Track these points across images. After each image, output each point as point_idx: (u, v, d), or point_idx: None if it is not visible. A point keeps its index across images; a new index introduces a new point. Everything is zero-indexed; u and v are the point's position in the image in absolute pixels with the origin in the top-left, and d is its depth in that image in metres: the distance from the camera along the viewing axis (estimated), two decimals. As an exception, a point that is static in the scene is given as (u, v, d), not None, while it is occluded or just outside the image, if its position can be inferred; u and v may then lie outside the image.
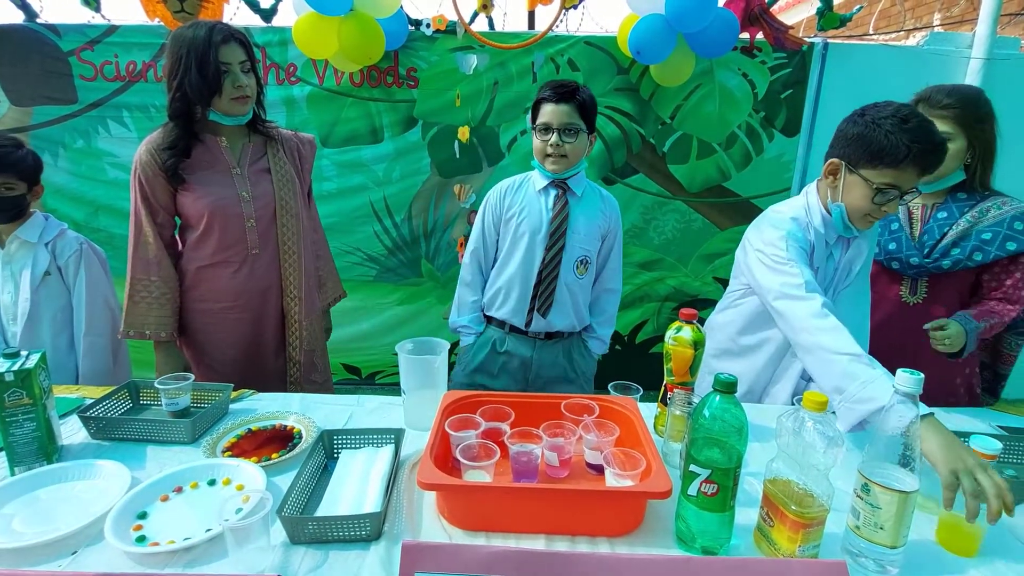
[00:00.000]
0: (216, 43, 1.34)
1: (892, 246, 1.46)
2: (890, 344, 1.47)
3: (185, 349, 1.54)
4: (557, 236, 1.59)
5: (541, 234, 1.59)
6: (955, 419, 1.29)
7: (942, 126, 1.32)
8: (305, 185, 1.66)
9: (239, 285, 1.49)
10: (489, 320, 1.72)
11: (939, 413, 1.31)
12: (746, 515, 0.88)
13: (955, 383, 1.52)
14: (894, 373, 0.79)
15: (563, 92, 1.49)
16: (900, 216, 1.47)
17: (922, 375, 0.75)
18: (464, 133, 2.67)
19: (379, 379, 3.06)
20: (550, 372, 1.70)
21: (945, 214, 1.43)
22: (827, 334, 1.08)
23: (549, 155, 1.53)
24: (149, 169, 1.40)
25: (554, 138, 1.50)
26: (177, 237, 1.52)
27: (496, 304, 1.68)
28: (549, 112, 1.50)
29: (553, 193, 1.60)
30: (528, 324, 1.65)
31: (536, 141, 1.55)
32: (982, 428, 1.24)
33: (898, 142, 1.11)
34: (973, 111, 1.35)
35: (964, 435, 1.11)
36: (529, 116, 1.61)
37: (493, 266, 1.70)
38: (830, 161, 1.24)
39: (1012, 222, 1.37)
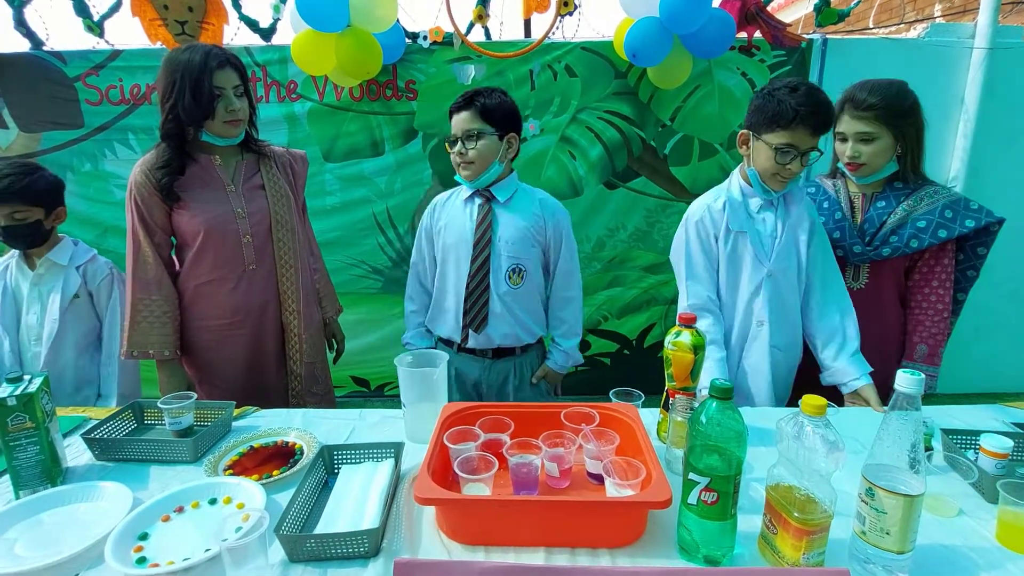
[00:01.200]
0: (212, 68, 1.36)
1: (836, 235, 1.52)
2: None
3: (188, 367, 1.55)
4: (481, 246, 1.54)
5: (466, 245, 1.56)
6: (967, 415, 1.26)
7: (867, 127, 1.40)
8: (299, 201, 1.67)
9: (237, 301, 1.50)
10: (440, 339, 1.69)
11: (951, 408, 1.30)
12: (751, 522, 0.86)
13: (891, 350, 1.56)
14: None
15: (462, 99, 1.50)
16: (843, 206, 1.54)
17: (923, 375, 0.74)
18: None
19: (388, 391, 3.07)
20: (497, 391, 1.65)
21: (884, 203, 1.49)
22: None
23: (457, 164, 1.53)
24: (144, 189, 1.41)
25: (457, 147, 1.51)
26: (174, 257, 1.53)
27: (436, 322, 1.66)
28: (454, 123, 1.52)
29: (478, 202, 1.57)
30: (464, 340, 1.60)
31: (449, 154, 1.55)
32: (995, 425, 1.20)
33: (787, 107, 1.28)
34: (896, 107, 1.40)
35: (975, 433, 1.10)
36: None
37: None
38: (740, 132, 1.42)
39: (943, 210, 1.44)
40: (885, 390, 1.36)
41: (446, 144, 1.56)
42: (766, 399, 1.44)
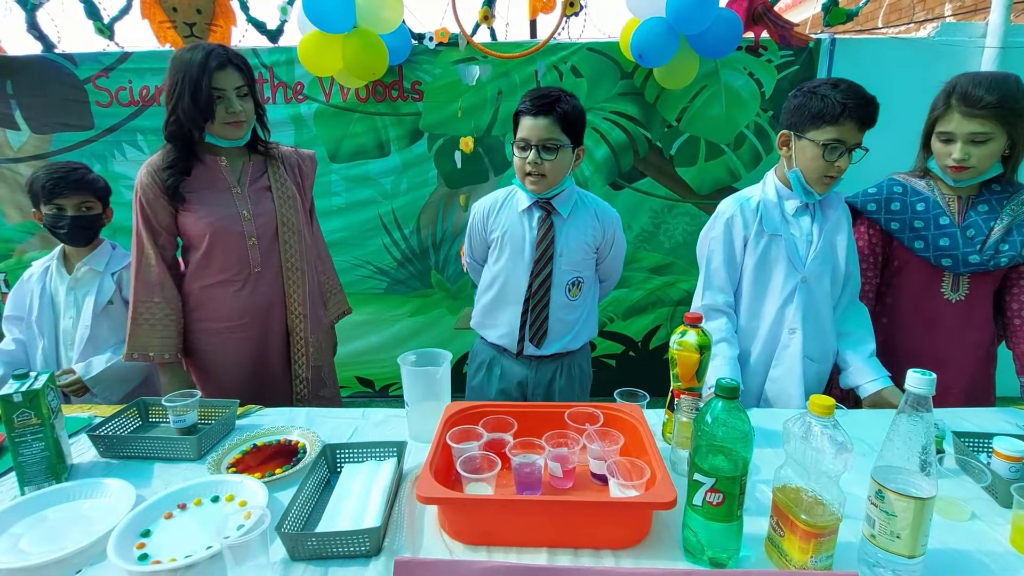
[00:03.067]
0: (211, 69, 1.33)
1: (944, 242, 1.40)
2: (934, 343, 1.47)
3: (191, 370, 1.55)
4: (544, 262, 1.48)
5: (526, 259, 1.49)
6: (979, 418, 1.24)
7: (982, 127, 1.28)
8: (307, 202, 1.65)
9: (243, 304, 1.49)
10: (483, 337, 1.65)
11: (963, 411, 1.28)
12: (757, 524, 0.85)
13: (984, 363, 1.49)
14: (940, 372, 0.79)
15: (542, 104, 1.36)
16: (945, 209, 1.41)
17: (934, 375, 0.72)
18: (467, 144, 2.68)
19: (392, 391, 3.07)
20: (545, 390, 1.62)
21: (986, 207, 1.39)
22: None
23: (528, 174, 1.42)
24: (150, 191, 1.41)
25: (532, 156, 1.38)
26: (180, 259, 1.53)
27: (487, 326, 1.61)
28: (527, 127, 1.38)
29: (537, 215, 1.49)
30: (520, 352, 1.55)
31: (515, 158, 1.44)
32: (1007, 428, 1.18)
33: (833, 101, 1.24)
34: (1012, 106, 1.27)
35: (988, 436, 1.08)
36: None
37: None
38: (780, 133, 1.37)
39: None
40: (973, 403, 1.37)
41: (513, 147, 1.44)
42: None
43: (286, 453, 1.11)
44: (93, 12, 2.58)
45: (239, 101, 1.39)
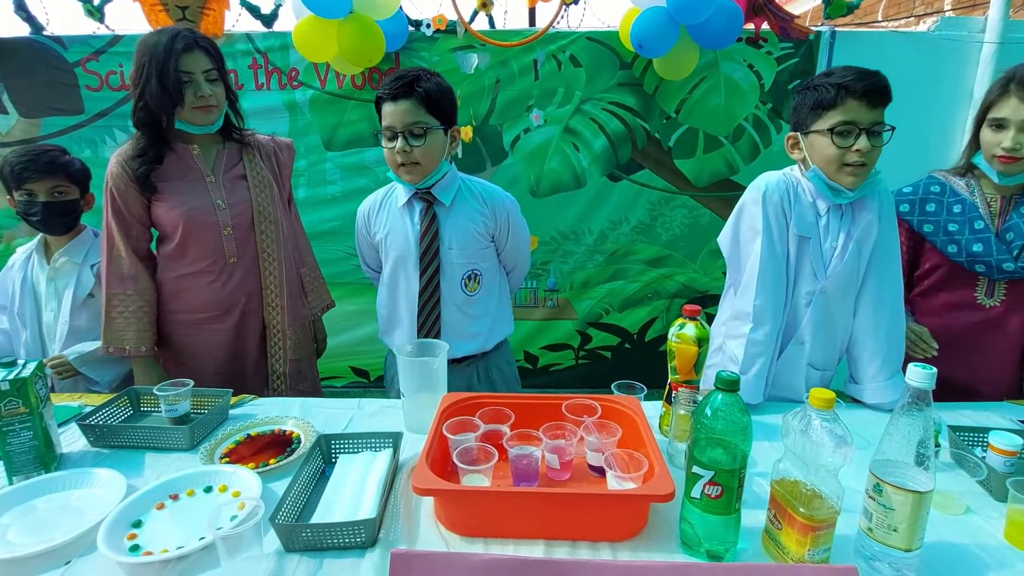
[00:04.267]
0: (177, 51, 1.28)
1: (977, 247, 1.34)
2: (963, 350, 1.41)
3: (167, 361, 1.51)
4: (428, 257, 1.40)
5: (412, 258, 1.41)
6: (974, 413, 1.24)
7: None
8: (285, 191, 1.60)
9: (218, 295, 1.45)
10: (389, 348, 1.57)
11: (960, 405, 1.28)
12: (755, 517, 0.85)
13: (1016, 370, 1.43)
14: (966, 378, 0.77)
15: (399, 86, 1.27)
16: (982, 212, 1.36)
17: (934, 369, 0.72)
18: (467, 133, 2.66)
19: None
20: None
21: None
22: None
23: (401, 164, 1.32)
24: (120, 181, 1.37)
25: (399, 144, 1.29)
26: (155, 250, 1.49)
27: (391, 334, 1.54)
28: (389, 113, 1.29)
29: (419, 207, 1.41)
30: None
31: (384, 150, 1.35)
32: (1002, 423, 1.19)
33: (828, 87, 1.17)
34: None
35: (984, 430, 1.08)
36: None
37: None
38: (787, 136, 1.29)
39: None
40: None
41: (378, 138, 1.36)
42: None
43: (280, 443, 1.10)
44: (83, -7, 2.52)
45: (208, 85, 1.35)
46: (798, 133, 1.26)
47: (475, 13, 2.56)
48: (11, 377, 0.94)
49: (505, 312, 1.57)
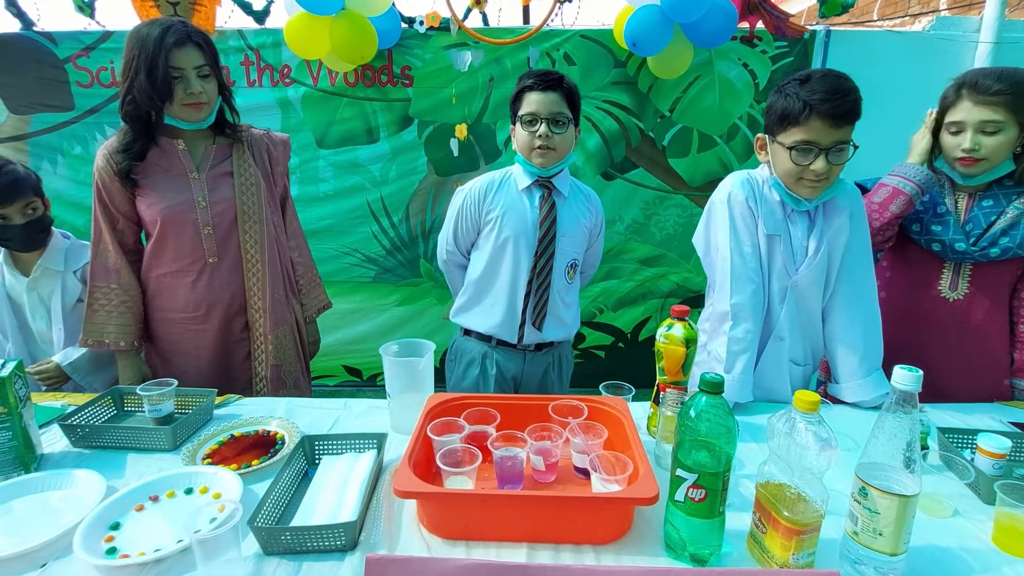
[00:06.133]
0: (168, 46, 1.25)
1: (936, 227, 1.37)
2: (923, 343, 1.42)
3: (154, 357, 1.49)
4: (547, 242, 1.46)
5: (528, 240, 1.46)
6: (964, 414, 1.24)
7: (992, 114, 1.24)
8: (278, 189, 1.56)
9: (199, 296, 1.43)
10: (468, 333, 1.58)
11: (949, 407, 1.27)
12: (740, 520, 0.84)
13: (1003, 383, 1.43)
14: (928, 372, 0.77)
15: (550, 79, 1.39)
16: (947, 202, 1.38)
17: (920, 372, 0.71)
18: (462, 131, 2.64)
19: (380, 380, 3.01)
20: (538, 384, 1.59)
21: (991, 202, 1.34)
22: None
23: (537, 148, 1.40)
24: (106, 174, 1.35)
25: (543, 128, 1.38)
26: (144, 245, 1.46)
27: (477, 317, 1.54)
28: (535, 101, 1.38)
29: (538, 194, 1.48)
30: (520, 339, 1.51)
31: (522, 133, 1.42)
32: (992, 425, 1.18)
33: (796, 101, 1.14)
34: None
35: (973, 433, 1.07)
36: (511, 109, 1.49)
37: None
38: (756, 137, 1.29)
39: None
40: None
41: (516, 123, 1.43)
42: None
43: (264, 444, 1.09)
44: (73, -11, 2.49)
45: (200, 82, 1.31)
46: (767, 136, 1.26)
47: (468, 10, 2.54)
48: (-12, 377, 0.93)
49: (578, 306, 1.63)
